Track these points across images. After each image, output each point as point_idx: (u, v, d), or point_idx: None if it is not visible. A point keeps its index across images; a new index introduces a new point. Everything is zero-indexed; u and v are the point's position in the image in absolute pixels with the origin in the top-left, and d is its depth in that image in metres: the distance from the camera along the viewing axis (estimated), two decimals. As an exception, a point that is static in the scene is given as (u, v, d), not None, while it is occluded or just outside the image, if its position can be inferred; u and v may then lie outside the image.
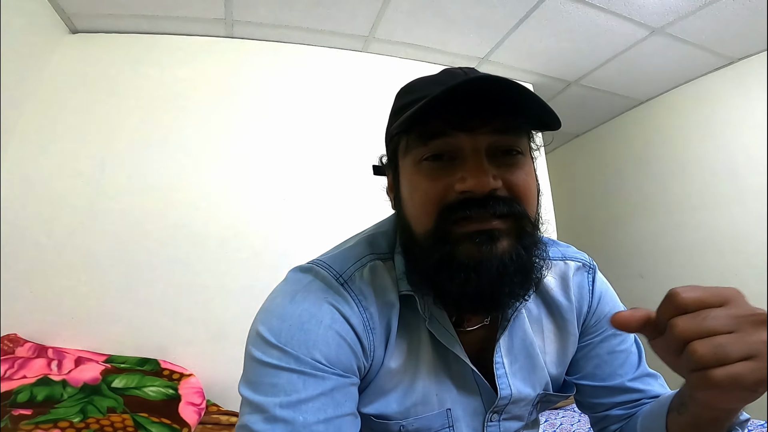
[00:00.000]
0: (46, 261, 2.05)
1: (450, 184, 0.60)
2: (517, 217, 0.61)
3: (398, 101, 0.71)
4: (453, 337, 0.69)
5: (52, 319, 2.00)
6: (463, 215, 0.58)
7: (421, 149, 0.63)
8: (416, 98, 0.63)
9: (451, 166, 0.61)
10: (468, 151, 0.60)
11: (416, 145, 0.63)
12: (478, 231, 0.59)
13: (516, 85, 0.56)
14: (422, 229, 0.62)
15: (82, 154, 2.20)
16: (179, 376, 1.92)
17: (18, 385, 1.58)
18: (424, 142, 0.62)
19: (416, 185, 0.63)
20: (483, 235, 0.58)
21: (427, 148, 0.62)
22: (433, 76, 0.69)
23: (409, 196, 0.65)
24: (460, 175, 0.59)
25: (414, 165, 0.64)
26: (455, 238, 0.59)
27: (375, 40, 2.62)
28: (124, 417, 1.56)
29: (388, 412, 0.68)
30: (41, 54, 2.22)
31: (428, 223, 0.61)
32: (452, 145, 0.61)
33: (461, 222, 0.59)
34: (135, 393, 1.74)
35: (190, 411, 1.75)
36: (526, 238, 0.62)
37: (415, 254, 0.65)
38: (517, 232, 0.61)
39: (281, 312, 0.63)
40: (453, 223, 0.59)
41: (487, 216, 0.58)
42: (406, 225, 0.67)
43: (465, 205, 0.58)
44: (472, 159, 0.60)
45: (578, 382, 0.82)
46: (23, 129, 2.13)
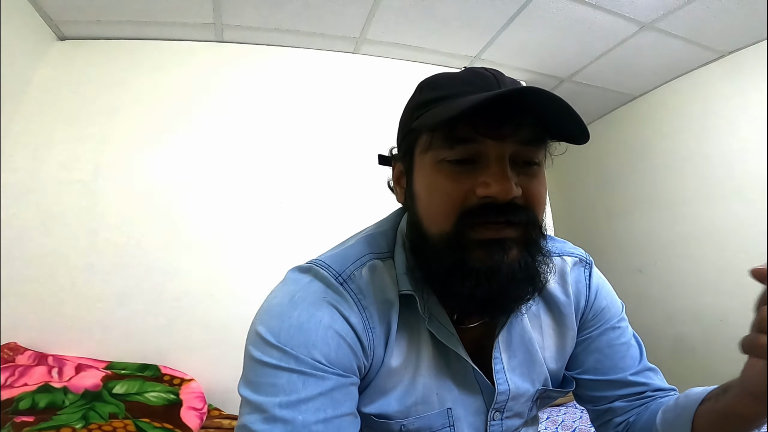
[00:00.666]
0: (45, 269, 2.05)
1: (472, 188, 0.60)
2: (530, 226, 0.62)
3: (421, 95, 0.68)
4: (453, 335, 0.69)
5: (51, 327, 2.00)
6: (483, 220, 0.59)
7: (444, 151, 0.62)
8: (443, 95, 0.63)
9: (474, 170, 0.61)
10: (493, 157, 0.60)
11: (440, 146, 0.62)
12: (492, 239, 0.60)
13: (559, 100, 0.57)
14: (438, 230, 0.62)
15: (76, 161, 2.19)
16: (180, 381, 1.92)
17: (19, 393, 1.58)
18: (450, 145, 0.61)
19: (436, 186, 0.63)
20: (496, 244, 0.59)
21: (453, 152, 0.61)
22: (458, 74, 0.67)
23: (426, 195, 0.65)
24: (482, 180, 0.59)
25: (435, 164, 0.63)
26: (470, 243, 0.60)
27: (366, 41, 2.63)
28: (126, 422, 1.57)
29: (388, 412, 0.68)
30: (29, 62, 2.22)
31: (446, 225, 0.61)
32: (478, 150, 0.61)
33: (478, 227, 0.60)
34: (136, 399, 1.74)
35: (192, 416, 1.75)
36: (534, 246, 0.63)
37: (425, 253, 0.65)
38: (527, 241, 0.62)
39: (280, 312, 0.63)
40: (471, 227, 0.60)
41: (504, 223, 0.59)
42: (417, 222, 0.67)
43: (485, 210, 0.59)
44: (496, 165, 0.60)
45: (579, 377, 0.83)
46: (14, 137, 2.13)
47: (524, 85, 0.58)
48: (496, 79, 0.64)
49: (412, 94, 0.72)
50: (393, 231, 0.76)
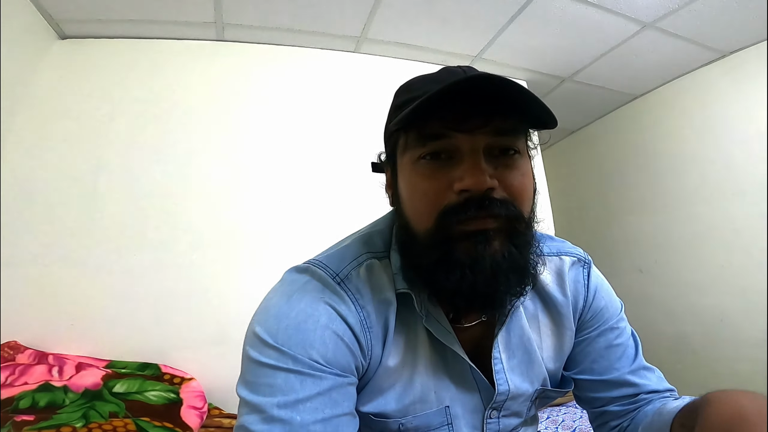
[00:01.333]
0: (45, 267, 2.05)
1: (449, 183, 0.61)
2: (511, 218, 0.61)
3: (397, 99, 0.71)
4: (450, 334, 0.69)
5: (51, 326, 2.00)
6: (464, 216, 0.59)
7: (418, 149, 0.63)
8: (414, 96, 0.63)
9: (449, 165, 0.62)
10: (466, 150, 0.61)
11: (414, 145, 0.64)
12: (476, 231, 0.60)
13: (512, 83, 0.57)
14: (422, 227, 0.63)
15: (77, 159, 2.19)
16: (180, 380, 1.92)
17: (19, 392, 1.58)
18: (422, 143, 0.63)
19: (415, 184, 0.64)
20: (480, 235, 0.60)
21: (425, 149, 0.62)
22: (432, 74, 0.69)
23: (408, 195, 0.66)
24: (457, 174, 0.60)
25: (412, 163, 0.64)
26: (454, 237, 0.60)
27: (367, 40, 2.63)
28: (126, 422, 1.57)
29: (386, 411, 0.68)
30: (30, 61, 2.22)
31: (428, 223, 0.62)
32: (451, 145, 0.61)
33: (461, 222, 0.60)
34: (137, 398, 1.74)
35: (192, 415, 1.75)
36: (519, 238, 0.63)
37: (413, 251, 0.66)
38: (509, 232, 0.62)
39: (278, 312, 0.63)
40: (454, 222, 0.60)
41: (485, 216, 0.59)
42: (404, 222, 0.67)
43: (465, 205, 0.59)
44: (469, 158, 0.60)
45: (576, 377, 0.83)
46: (15, 136, 2.13)
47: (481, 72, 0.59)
48: (464, 74, 0.64)
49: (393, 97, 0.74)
50: (389, 230, 0.77)
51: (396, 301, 0.69)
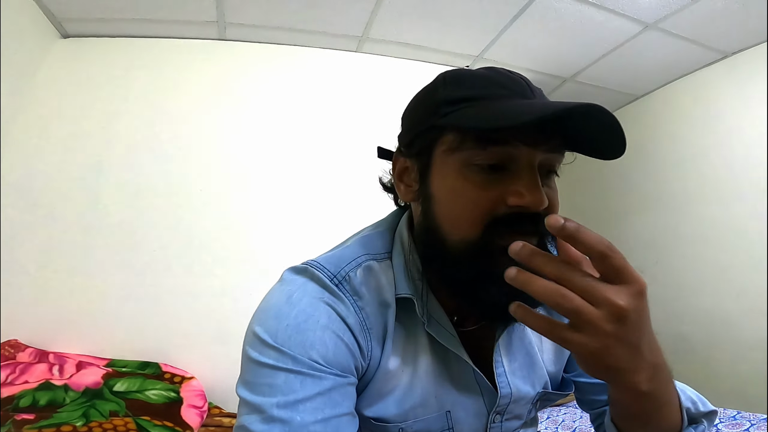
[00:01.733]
0: (45, 266, 2.05)
1: (501, 196, 0.59)
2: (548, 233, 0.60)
3: (447, 92, 0.64)
4: (454, 337, 0.69)
5: (52, 325, 2.00)
6: (512, 230, 0.57)
7: (475, 152, 0.60)
8: (474, 96, 0.61)
9: (503, 178, 0.60)
10: (524, 164, 0.59)
11: (471, 147, 0.60)
12: None
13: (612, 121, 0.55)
14: (461, 237, 0.61)
15: (77, 158, 2.20)
16: (181, 379, 1.92)
17: (20, 390, 1.59)
18: (483, 146, 0.59)
19: (463, 190, 0.61)
20: None
21: (485, 154, 0.59)
22: (484, 73, 0.65)
23: (448, 199, 0.63)
24: (514, 189, 0.58)
25: (462, 167, 0.61)
26: (496, 251, 0.58)
27: (368, 40, 2.63)
28: (126, 420, 1.57)
29: (386, 415, 0.67)
30: (33, 59, 2.23)
31: (472, 233, 0.60)
32: (510, 155, 0.59)
33: (506, 235, 0.57)
34: (137, 396, 1.75)
35: (193, 414, 1.76)
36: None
37: (442, 259, 0.64)
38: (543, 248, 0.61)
39: (277, 312, 0.63)
40: (498, 235, 0.58)
41: (533, 233, 0.59)
42: (433, 226, 0.65)
43: (515, 219, 0.58)
44: (527, 174, 0.59)
45: (576, 379, 0.83)
46: (17, 135, 2.14)
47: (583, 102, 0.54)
48: (525, 83, 0.63)
49: (430, 88, 0.69)
50: (390, 232, 0.76)
51: (395, 304, 0.68)
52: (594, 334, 0.46)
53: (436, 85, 0.68)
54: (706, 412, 0.71)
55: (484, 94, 0.61)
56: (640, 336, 0.49)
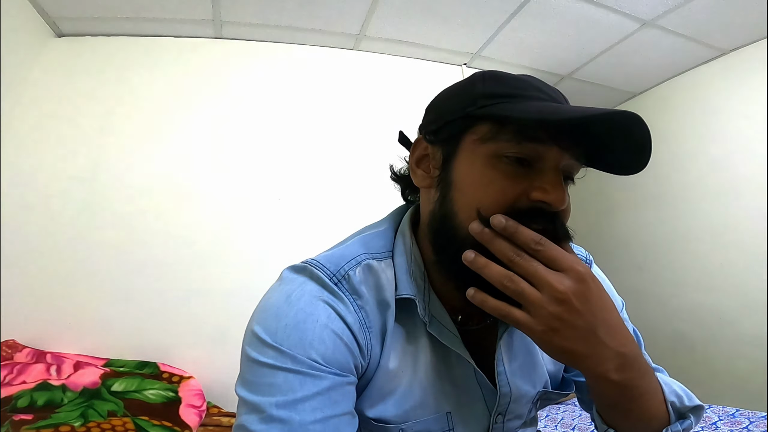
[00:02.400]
0: (43, 266, 2.04)
1: (525, 189, 0.60)
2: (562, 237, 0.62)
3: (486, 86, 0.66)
4: (456, 337, 0.69)
5: (49, 324, 2.00)
6: (532, 222, 0.58)
7: (509, 144, 0.61)
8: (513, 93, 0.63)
9: (529, 173, 0.61)
10: (550, 164, 0.61)
11: (505, 139, 0.61)
12: None
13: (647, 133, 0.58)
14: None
15: (74, 158, 2.19)
16: (179, 379, 1.92)
17: (18, 391, 1.58)
18: (517, 140, 0.60)
19: (490, 179, 0.62)
20: None
21: (518, 147, 0.60)
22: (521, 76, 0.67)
23: (473, 186, 0.63)
24: (539, 185, 0.60)
25: (491, 157, 0.62)
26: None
27: (366, 38, 2.62)
28: (125, 420, 1.57)
29: (386, 416, 0.67)
30: (27, 59, 2.21)
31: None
32: (540, 153, 0.61)
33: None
34: (135, 396, 1.74)
35: (191, 413, 1.75)
36: None
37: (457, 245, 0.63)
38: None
39: (277, 311, 0.62)
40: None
41: (551, 229, 0.59)
42: (450, 211, 0.65)
43: (536, 213, 0.59)
44: (552, 173, 0.61)
45: (577, 379, 0.83)
46: (12, 134, 2.13)
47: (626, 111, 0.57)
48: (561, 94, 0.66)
49: (466, 82, 0.70)
50: (392, 231, 0.76)
51: (395, 304, 0.68)
52: (538, 315, 0.54)
53: (473, 80, 0.69)
54: (692, 406, 0.71)
55: (522, 93, 0.62)
56: (592, 321, 0.55)
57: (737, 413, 1.69)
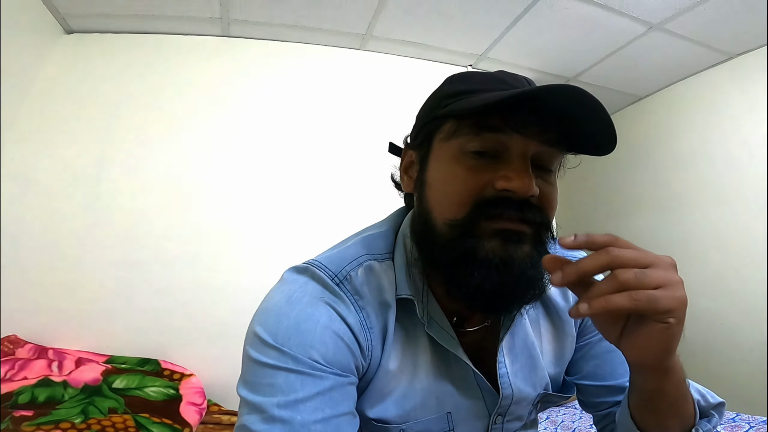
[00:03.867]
0: (45, 262, 2.05)
1: (490, 180, 0.60)
2: (542, 227, 0.62)
3: (451, 87, 0.68)
4: (453, 339, 0.68)
5: (52, 320, 2.00)
6: (497, 212, 0.59)
7: (469, 138, 0.62)
8: (475, 89, 0.63)
9: (494, 164, 0.61)
10: (516, 152, 0.60)
11: (465, 133, 0.62)
12: (508, 230, 0.59)
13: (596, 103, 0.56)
14: (449, 217, 0.62)
15: (80, 154, 2.20)
16: (180, 376, 1.92)
17: (19, 387, 1.59)
18: (476, 132, 0.61)
19: (454, 174, 0.63)
20: (512, 235, 0.59)
21: (478, 139, 0.61)
22: (489, 73, 0.68)
23: (441, 182, 0.65)
24: (503, 173, 0.59)
25: (456, 152, 0.63)
26: (482, 233, 0.59)
27: (372, 38, 2.62)
28: (125, 417, 1.57)
29: (386, 417, 0.67)
30: (37, 55, 2.23)
31: (459, 213, 0.61)
32: (502, 143, 0.61)
33: (493, 218, 0.59)
34: (136, 393, 1.75)
35: (192, 411, 1.75)
36: (543, 247, 0.62)
37: (432, 242, 0.64)
38: (538, 240, 0.62)
39: (278, 312, 0.63)
40: (485, 217, 0.59)
41: (519, 219, 0.59)
42: (426, 210, 0.66)
43: (502, 202, 0.59)
44: (518, 161, 0.60)
45: (579, 382, 0.82)
46: (20, 130, 2.14)
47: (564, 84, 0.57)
48: (527, 82, 0.65)
49: (439, 86, 0.72)
50: (393, 232, 0.76)
51: (396, 305, 0.68)
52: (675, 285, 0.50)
53: (443, 83, 0.71)
54: (715, 404, 0.71)
55: (482, 87, 0.63)
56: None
57: (737, 418, 1.68)
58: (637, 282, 0.49)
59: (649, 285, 0.49)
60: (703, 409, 0.69)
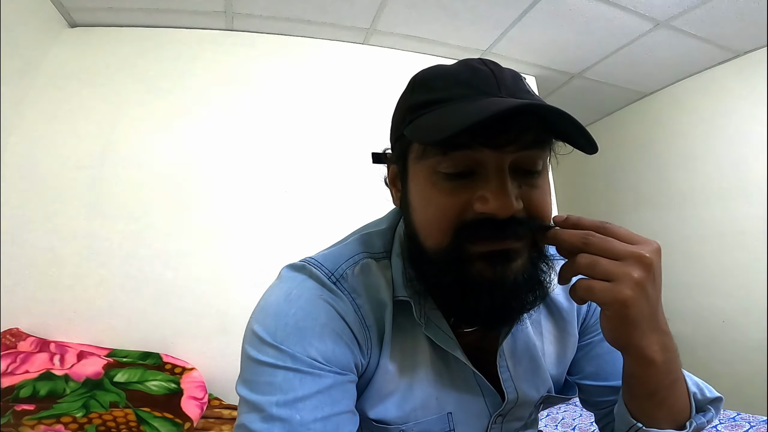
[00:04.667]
0: (47, 255, 2.05)
1: (468, 201, 0.57)
2: (534, 232, 0.59)
3: (413, 96, 0.64)
4: (452, 340, 0.68)
5: (53, 313, 2.00)
6: (480, 235, 0.56)
7: (438, 158, 0.58)
8: (437, 99, 0.59)
9: (471, 183, 0.57)
10: (491, 168, 0.56)
11: (433, 154, 0.58)
12: (493, 252, 0.57)
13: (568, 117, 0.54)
14: (434, 244, 0.60)
15: (83, 148, 2.20)
16: (181, 370, 1.92)
17: (20, 380, 1.59)
18: (443, 151, 0.57)
19: (430, 199, 0.60)
20: (497, 256, 0.57)
21: (447, 160, 0.57)
22: (453, 71, 0.62)
23: (420, 207, 0.62)
24: (480, 194, 0.56)
25: (429, 175, 0.59)
26: (469, 257, 0.57)
27: (376, 32, 2.61)
28: (126, 412, 1.57)
29: (387, 417, 0.67)
30: (40, 48, 2.22)
31: (443, 240, 0.59)
32: (474, 159, 0.56)
33: (476, 241, 0.56)
34: (137, 387, 1.75)
35: (193, 405, 1.76)
36: (537, 253, 0.61)
37: (423, 266, 0.63)
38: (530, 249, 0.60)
39: (276, 310, 0.62)
40: (469, 242, 0.57)
41: (504, 237, 0.56)
42: (413, 233, 0.64)
43: (483, 225, 0.56)
44: (495, 179, 0.56)
45: (580, 382, 0.82)
46: (24, 123, 2.14)
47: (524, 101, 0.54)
48: (495, 77, 0.59)
49: (404, 91, 0.68)
50: (390, 231, 0.75)
51: (392, 305, 0.67)
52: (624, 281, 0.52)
53: (407, 88, 0.67)
54: (712, 398, 0.70)
55: (444, 96, 0.59)
56: (658, 296, 0.55)
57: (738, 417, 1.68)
58: (587, 269, 0.54)
59: (597, 275, 0.53)
60: (699, 402, 0.68)
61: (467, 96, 0.57)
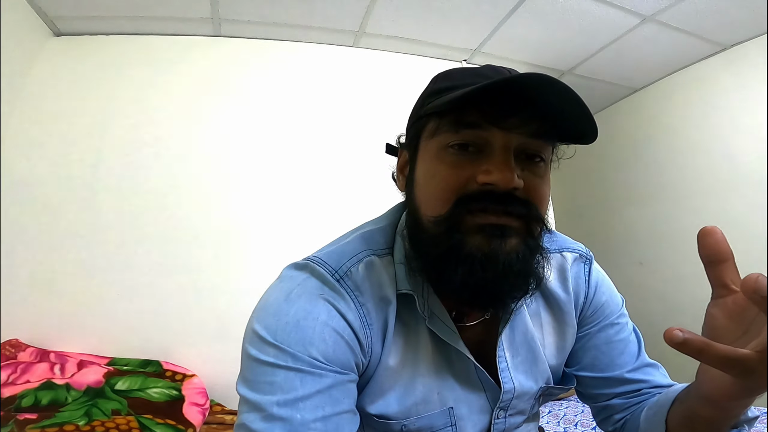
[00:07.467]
0: (45, 265, 2.05)
1: (472, 174, 0.60)
2: (531, 220, 0.61)
3: (434, 85, 0.69)
4: (454, 332, 0.68)
5: (53, 323, 2.00)
6: (480, 206, 0.58)
7: (450, 135, 0.62)
8: (456, 85, 0.63)
9: (477, 158, 0.61)
10: (497, 146, 0.60)
11: (446, 131, 0.62)
12: (491, 224, 0.59)
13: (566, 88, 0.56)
14: (434, 213, 0.62)
15: (74, 157, 2.19)
16: (182, 377, 1.92)
17: (21, 390, 1.59)
18: (455, 129, 0.61)
19: (437, 170, 0.63)
20: (496, 229, 0.58)
21: (457, 136, 0.61)
22: (474, 68, 0.67)
23: (425, 180, 0.65)
24: (484, 168, 0.59)
25: (438, 150, 0.63)
26: (467, 228, 0.59)
27: (365, 34, 2.62)
28: (128, 419, 1.57)
29: (388, 412, 0.67)
30: (25, 58, 2.21)
31: (442, 209, 0.61)
32: (483, 138, 0.60)
33: (476, 213, 0.59)
34: (139, 395, 1.75)
35: (195, 411, 1.76)
36: (533, 240, 0.62)
37: (420, 239, 0.65)
38: (527, 233, 0.61)
39: (277, 310, 0.62)
40: (468, 212, 0.59)
41: (503, 212, 0.59)
42: (414, 208, 0.66)
43: (484, 197, 0.58)
44: (499, 154, 0.59)
45: (578, 374, 0.82)
46: (12, 134, 2.13)
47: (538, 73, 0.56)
48: (509, 74, 0.63)
49: (427, 84, 0.72)
50: (392, 227, 0.75)
51: (396, 300, 0.68)
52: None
53: (430, 82, 0.71)
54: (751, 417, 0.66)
55: (462, 83, 0.62)
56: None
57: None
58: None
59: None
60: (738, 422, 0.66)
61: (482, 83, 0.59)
